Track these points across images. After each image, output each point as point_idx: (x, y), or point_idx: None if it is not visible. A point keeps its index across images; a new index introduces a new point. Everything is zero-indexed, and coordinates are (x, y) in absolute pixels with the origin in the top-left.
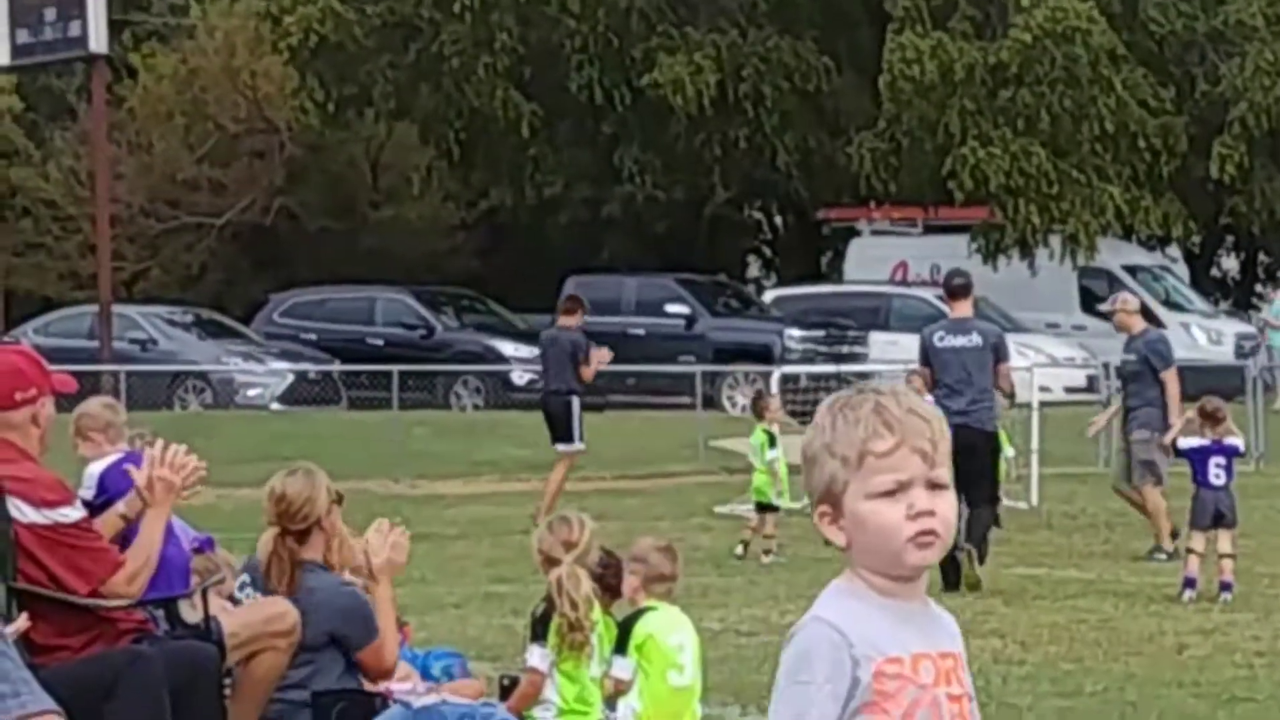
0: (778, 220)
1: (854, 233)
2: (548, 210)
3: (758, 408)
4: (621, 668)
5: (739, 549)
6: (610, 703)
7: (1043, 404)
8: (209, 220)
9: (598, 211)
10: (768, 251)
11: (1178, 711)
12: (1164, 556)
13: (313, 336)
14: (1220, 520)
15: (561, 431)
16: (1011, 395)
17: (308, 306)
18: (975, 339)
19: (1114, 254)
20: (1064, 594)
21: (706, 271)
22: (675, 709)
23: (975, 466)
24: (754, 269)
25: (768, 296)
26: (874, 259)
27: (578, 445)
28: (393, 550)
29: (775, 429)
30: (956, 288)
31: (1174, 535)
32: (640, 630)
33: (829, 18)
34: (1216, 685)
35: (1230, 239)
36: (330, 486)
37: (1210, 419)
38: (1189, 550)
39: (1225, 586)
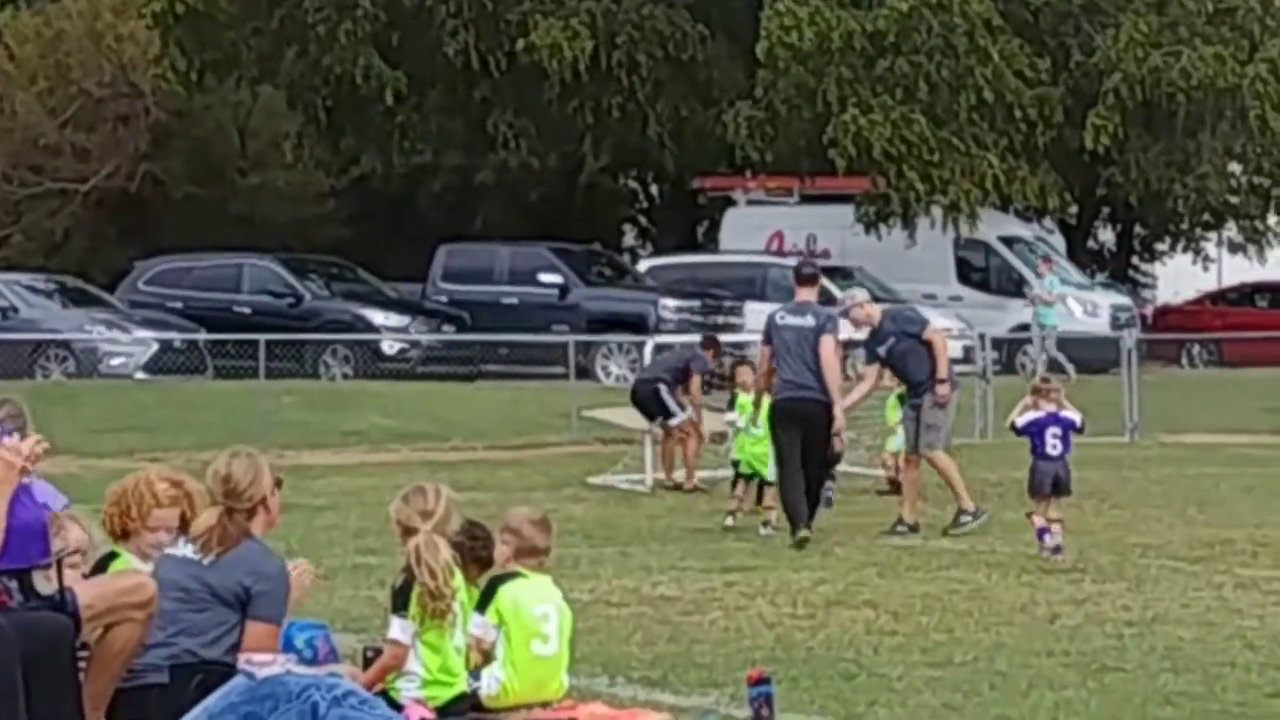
0: (653, 189)
1: (730, 202)
2: (419, 177)
3: (736, 375)
4: (479, 625)
5: (727, 520)
6: (475, 672)
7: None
8: (73, 186)
9: (470, 179)
10: (643, 220)
11: (1047, 681)
12: (968, 519)
13: (179, 305)
14: (1056, 488)
15: (657, 411)
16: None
17: (173, 274)
18: (809, 320)
19: (991, 225)
20: (937, 565)
21: (581, 240)
22: (540, 678)
23: (815, 435)
24: (629, 238)
25: (642, 266)
26: (750, 229)
27: (681, 415)
28: (296, 586)
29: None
30: (805, 275)
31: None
32: (504, 594)
33: None
34: (1086, 655)
35: (1106, 210)
36: (272, 469)
37: (1043, 394)
38: (1029, 515)
39: (1056, 549)
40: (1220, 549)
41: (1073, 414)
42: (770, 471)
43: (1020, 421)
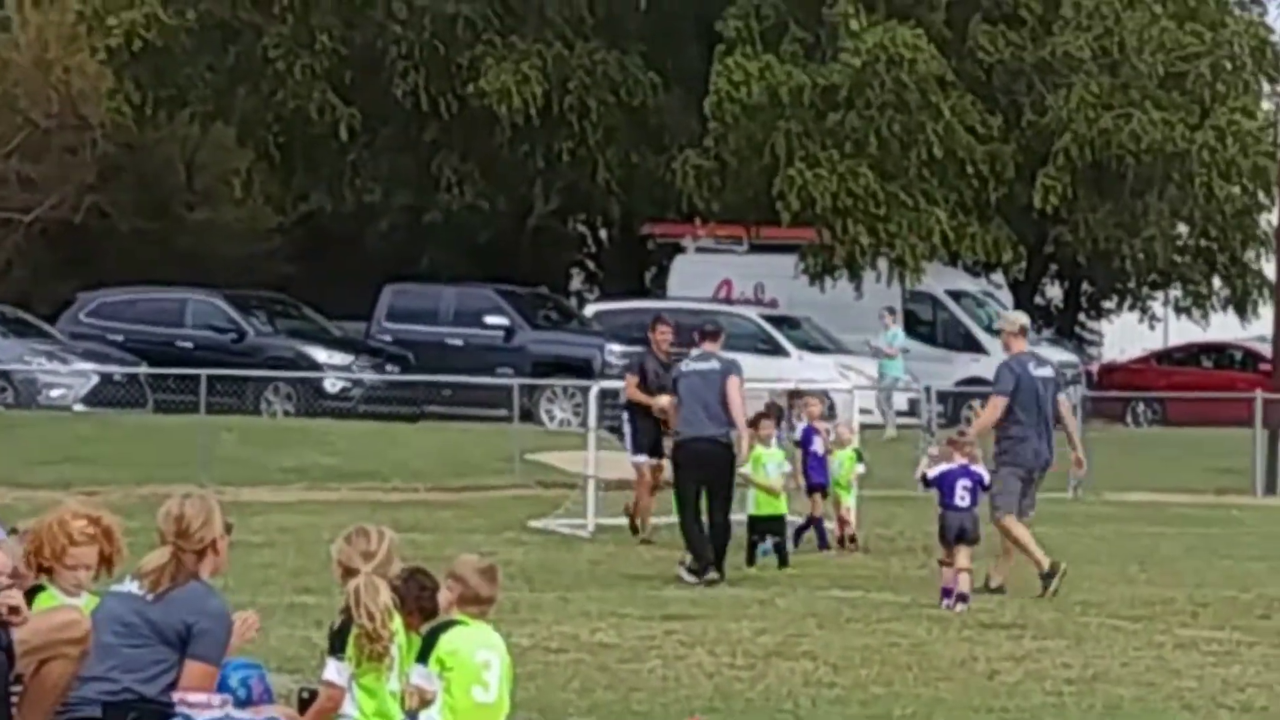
0: (602, 234)
1: (678, 249)
2: (367, 216)
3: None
4: (421, 675)
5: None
6: (413, 715)
7: (864, 426)
8: (17, 216)
9: (418, 219)
10: (591, 265)
11: None
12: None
13: (120, 337)
14: (962, 537)
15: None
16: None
17: (116, 307)
18: (714, 364)
19: (939, 279)
20: (878, 617)
21: (528, 283)
22: None
23: (715, 477)
24: (577, 282)
25: (589, 310)
26: (698, 276)
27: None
28: (238, 635)
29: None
30: (708, 332)
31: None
32: (445, 643)
33: (657, 34)
34: (1025, 712)
35: (1054, 267)
36: (223, 514)
37: (957, 447)
38: (941, 563)
39: (962, 598)
40: (1161, 608)
41: (982, 470)
42: None
43: (931, 474)
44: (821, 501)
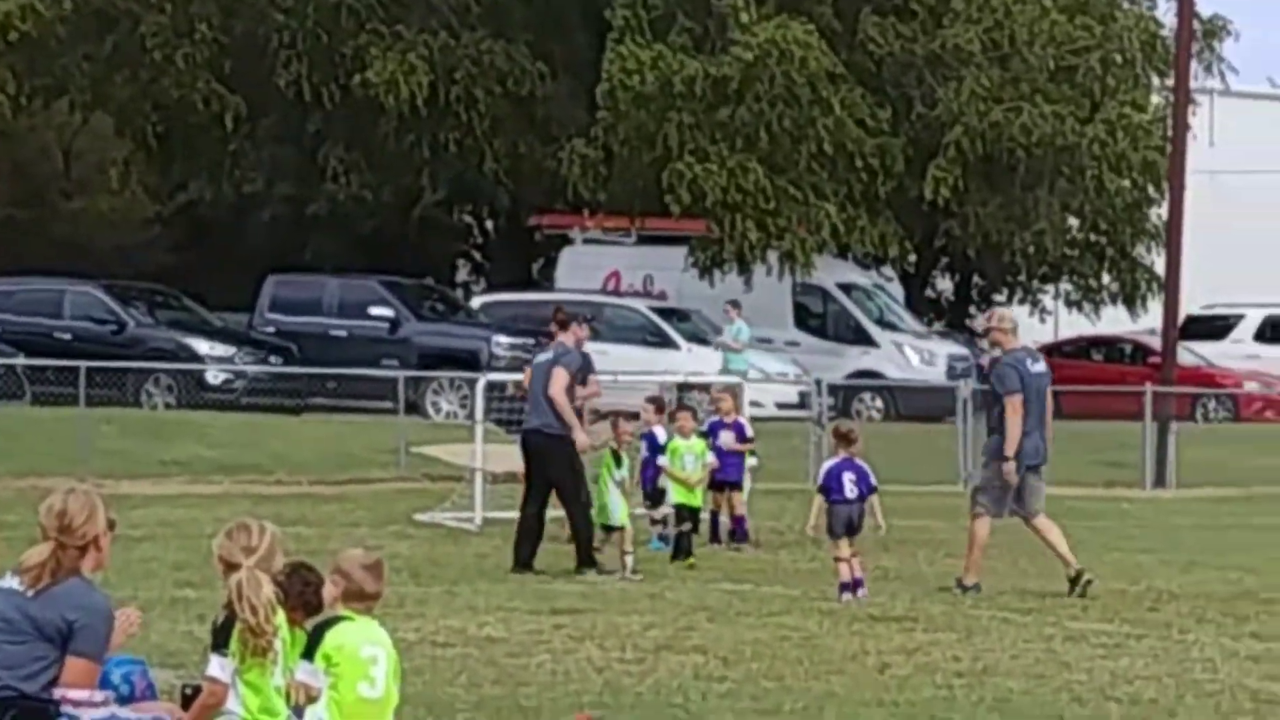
0: (488, 225)
1: (566, 240)
2: (249, 206)
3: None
4: (307, 672)
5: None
6: (299, 710)
7: (754, 419)
8: None
9: (301, 210)
10: (477, 256)
11: None
12: (959, 590)
13: None
14: (850, 528)
15: None
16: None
17: None
18: (549, 354)
19: (830, 272)
20: (768, 610)
21: (414, 275)
22: None
23: (549, 467)
24: (463, 273)
25: (476, 302)
26: (586, 267)
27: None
28: (120, 631)
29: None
30: (559, 320)
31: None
32: (331, 639)
33: (544, 23)
34: (916, 705)
35: (945, 260)
36: (106, 511)
37: (844, 439)
38: (836, 559)
39: (858, 583)
40: (1051, 601)
41: (865, 464)
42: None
43: (820, 478)
44: (724, 497)
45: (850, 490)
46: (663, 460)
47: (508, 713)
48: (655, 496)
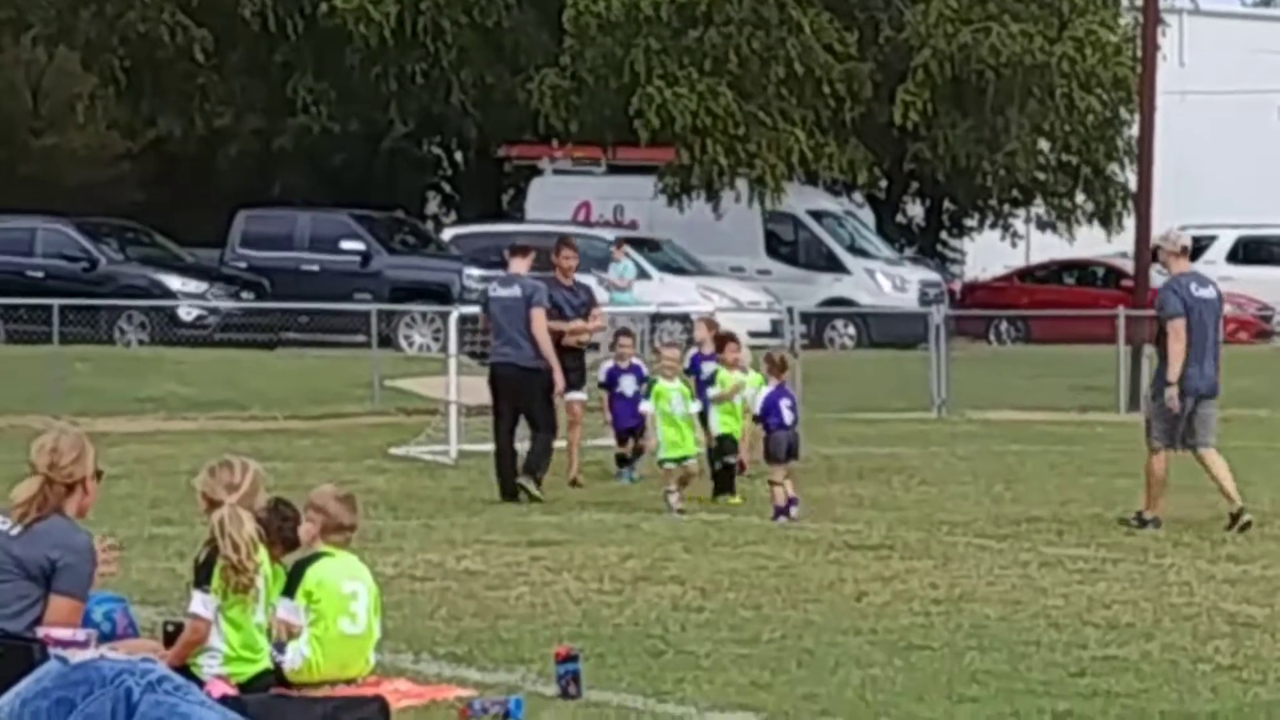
0: (457, 156)
1: (536, 171)
2: (218, 141)
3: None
4: (288, 609)
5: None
6: (280, 646)
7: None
8: None
9: (270, 144)
10: (447, 188)
11: (854, 659)
12: (1136, 523)
13: None
14: (790, 454)
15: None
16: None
17: None
18: (516, 291)
19: (800, 199)
20: (745, 540)
21: (384, 208)
22: (346, 656)
23: (527, 400)
24: (433, 206)
25: (447, 234)
26: (556, 198)
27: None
28: (101, 563)
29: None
30: (516, 248)
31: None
32: (312, 575)
33: None
34: (893, 633)
35: (915, 185)
36: (96, 461)
37: (777, 367)
38: (772, 483)
39: (793, 502)
40: (1026, 526)
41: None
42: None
43: (756, 409)
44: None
45: (788, 416)
46: (714, 390)
47: (487, 645)
48: (624, 437)
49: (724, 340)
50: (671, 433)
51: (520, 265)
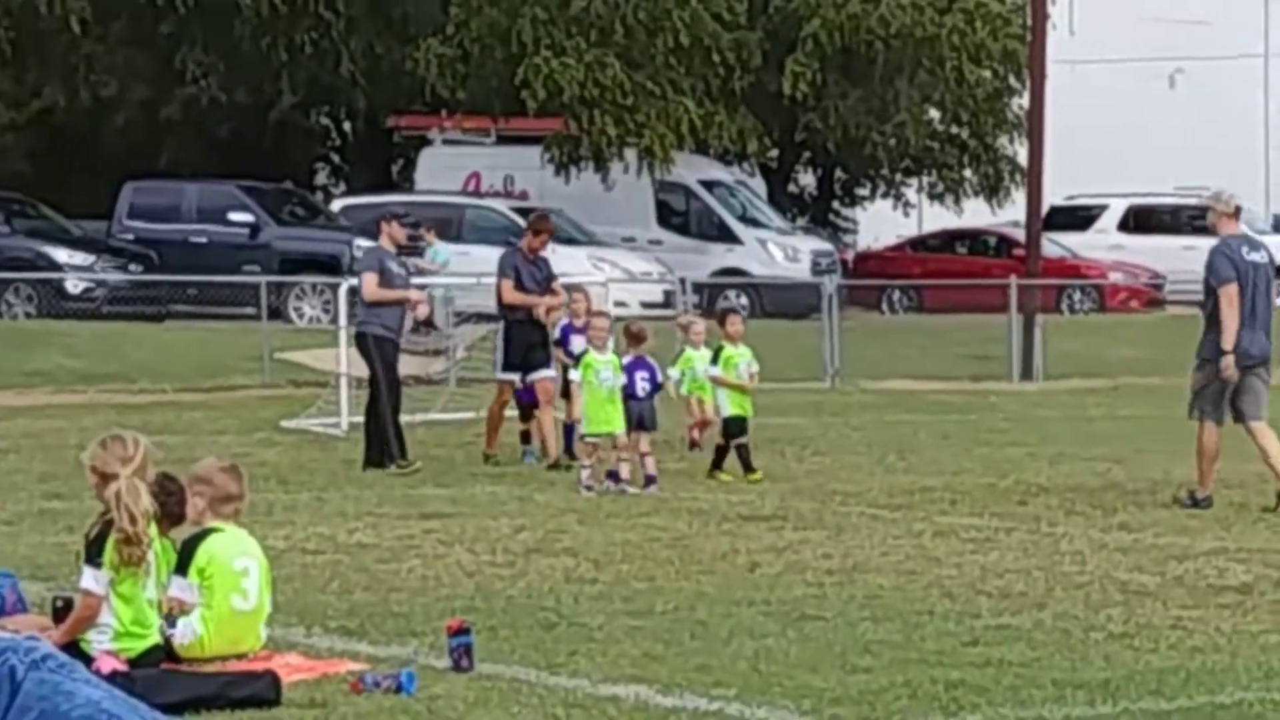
0: (346, 127)
1: (425, 141)
2: (104, 112)
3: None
4: (181, 588)
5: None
6: (170, 619)
7: (618, 319)
8: None
9: (156, 114)
10: (336, 159)
11: (747, 629)
12: (1189, 503)
13: None
14: (642, 425)
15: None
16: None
17: None
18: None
19: (691, 169)
20: (638, 512)
21: (272, 179)
22: (238, 633)
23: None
24: (322, 177)
25: (336, 205)
26: (446, 168)
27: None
28: None
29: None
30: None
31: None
32: (203, 552)
33: None
34: (787, 603)
35: (807, 155)
36: None
37: (634, 338)
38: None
39: (651, 480)
40: (919, 496)
41: (654, 364)
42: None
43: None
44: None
45: (641, 388)
46: (715, 370)
47: (380, 619)
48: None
49: (725, 314)
50: (597, 407)
51: (382, 239)
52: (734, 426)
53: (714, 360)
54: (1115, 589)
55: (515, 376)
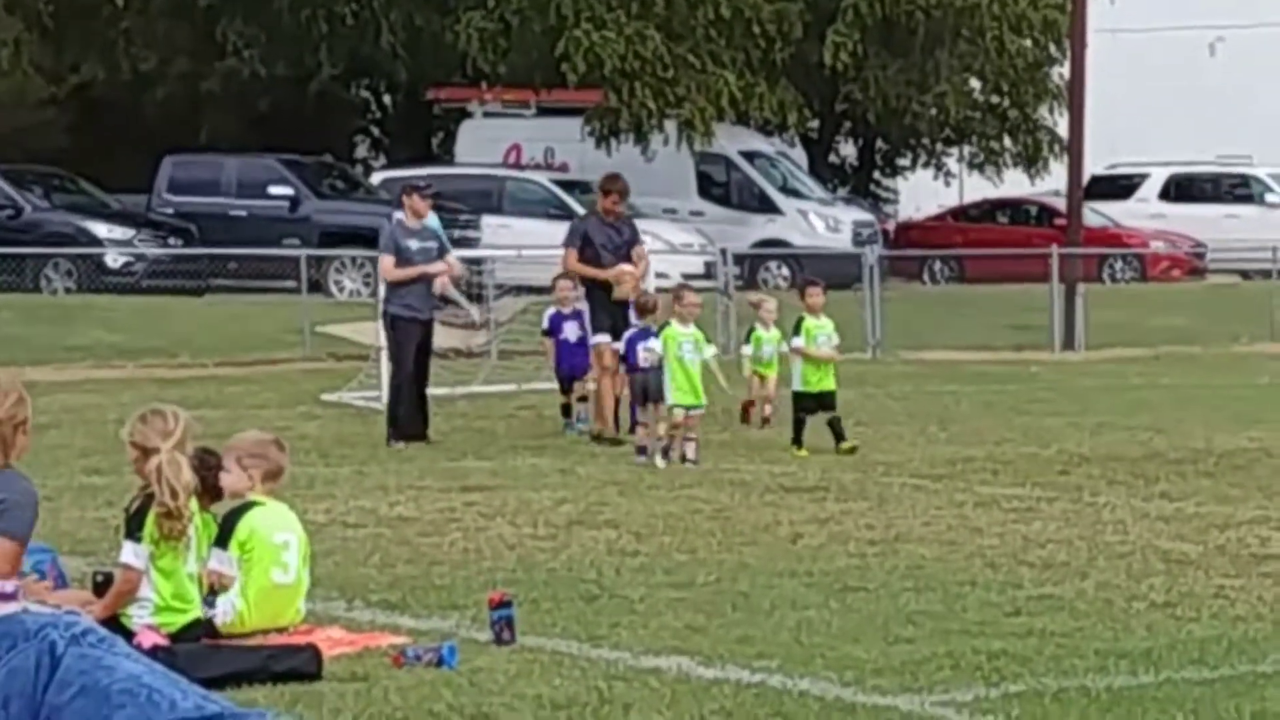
0: (386, 99)
1: (465, 114)
2: (143, 86)
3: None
4: (221, 560)
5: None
6: (210, 599)
7: (659, 290)
8: None
9: (196, 88)
10: (376, 132)
11: (790, 601)
12: None
13: None
14: (647, 396)
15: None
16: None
17: None
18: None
19: (731, 140)
20: (679, 484)
21: (312, 152)
22: (277, 607)
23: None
24: (362, 150)
25: (376, 178)
26: (486, 141)
27: None
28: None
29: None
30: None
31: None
32: (244, 526)
33: None
34: (829, 575)
35: (848, 125)
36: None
37: (643, 310)
38: (641, 424)
39: (662, 450)
40: (961, 467)
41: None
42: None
43: (622, 348)
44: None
45: (643, 358)
46: (797, 341)
47: (421, 592)
48: (566, 384)
49: (806, 285)
50: (682, 378)
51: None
52: (807, 402)
53: (795, 331)
54: (1157, 558)
55: (606, 338)
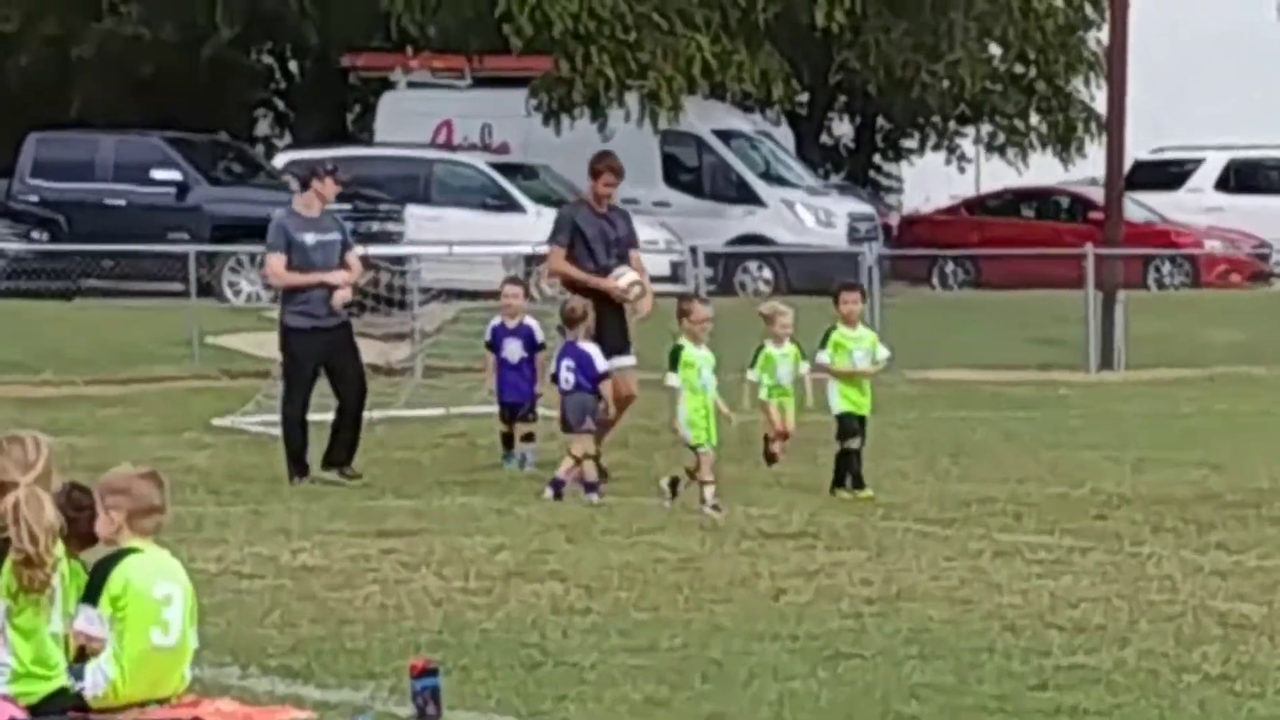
0: (292, 67)
1: (387, 84)
2: (4, 51)
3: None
4: (89, 619)
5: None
6: (76, 668)
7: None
8: None
9: (67, 53)
10: (280, 105)
11: (771, 669)
12: None
13: None
14: (566, 423)
15: None
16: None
17: None
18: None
19: (704, 117)
20: (639, 528)
21: (204, 129)
22: (158, 674)
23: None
24: (264, 126)
25: (279, 160)
26: (411, 116)
27: None
28: None
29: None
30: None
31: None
32: (117, 578)
33: None
34: (817, 638)
35: (843, 100)
36: None
37: (570, 320)
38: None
39: (587, 486)
40: (977, 509)
41: (588, 346)
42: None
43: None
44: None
45: (566, 379)
46: (822, 357)
47: (329, 656)
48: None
49: (841, 290)
50: (704, 414)
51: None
52: (849, 424)
53: (822, 344)
54: (1212, 621)
55: (630, 360)
